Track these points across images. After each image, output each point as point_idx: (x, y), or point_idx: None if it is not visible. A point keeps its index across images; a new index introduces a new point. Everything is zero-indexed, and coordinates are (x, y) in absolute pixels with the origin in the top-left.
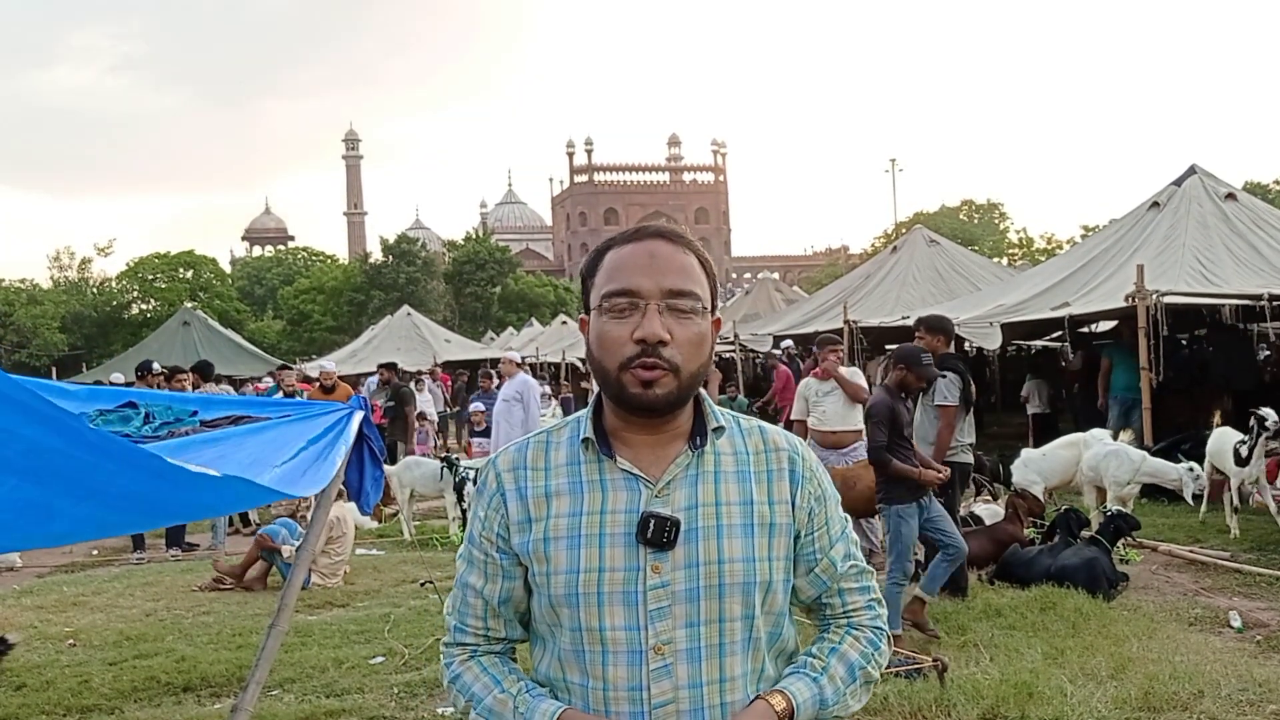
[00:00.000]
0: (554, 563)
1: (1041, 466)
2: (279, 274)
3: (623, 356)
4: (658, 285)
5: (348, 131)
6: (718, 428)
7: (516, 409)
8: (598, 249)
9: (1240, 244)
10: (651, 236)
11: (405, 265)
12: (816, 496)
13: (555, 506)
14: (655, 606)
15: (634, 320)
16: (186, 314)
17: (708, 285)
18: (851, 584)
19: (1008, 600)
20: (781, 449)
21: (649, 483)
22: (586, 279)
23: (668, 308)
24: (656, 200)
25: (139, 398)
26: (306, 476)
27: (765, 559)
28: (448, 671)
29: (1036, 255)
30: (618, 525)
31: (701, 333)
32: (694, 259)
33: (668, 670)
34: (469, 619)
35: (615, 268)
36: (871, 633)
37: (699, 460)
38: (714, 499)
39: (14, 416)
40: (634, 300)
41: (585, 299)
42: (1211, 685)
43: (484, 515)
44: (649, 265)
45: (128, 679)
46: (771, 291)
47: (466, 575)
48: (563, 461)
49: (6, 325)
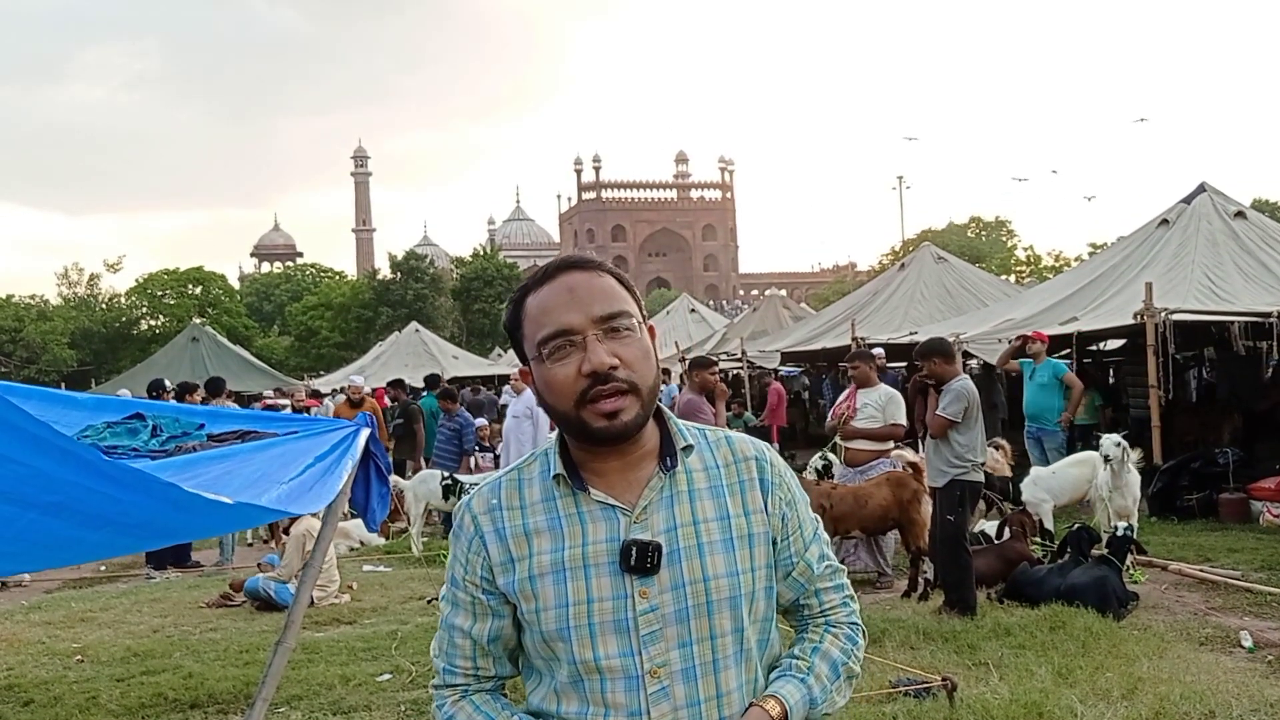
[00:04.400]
0: (542, 599)
1: (1051, 484)
2: (287, 290)
3: (576, 393)
4: (587, 316)
5: (356, 148)
6: (686, 446)
7: (526, 425)
8: (513, 300)
9: (1250, 261)
10: (561, 270)
11: (413, 282)
12: (787, 501)
13: (536, 544)
14: (647, 631)
15: (576, 357)
16: (195, 330)
17: (632, 299)
18: (827, 583)
19: (1017, 619)
20: (749, 457)
21: (626, 510)
22: (514, 331)
23: (605, 333)
24: (664, 217)
25: (146, 409)
26: (313, 493)
27: (748, 570)
28: (440, 714)
29: (1044, 272)
30: (600, 556)
31: (645, 347)
32: (610, 279)
33: (666, 693)
34: (457, 660)
35: (541, 311)
36: (849, 629)
37: (671, 481)
38: (691, 518)
39: (29, 450)
40: (570, 338)
41: (519, 351)
42: (1223, 705)
43: (465, 559)
44: (571, 300)
45: (135, 695)
46: (779, 308)
47: (452, 617)
48: (538, 498)
49: (16, 341)
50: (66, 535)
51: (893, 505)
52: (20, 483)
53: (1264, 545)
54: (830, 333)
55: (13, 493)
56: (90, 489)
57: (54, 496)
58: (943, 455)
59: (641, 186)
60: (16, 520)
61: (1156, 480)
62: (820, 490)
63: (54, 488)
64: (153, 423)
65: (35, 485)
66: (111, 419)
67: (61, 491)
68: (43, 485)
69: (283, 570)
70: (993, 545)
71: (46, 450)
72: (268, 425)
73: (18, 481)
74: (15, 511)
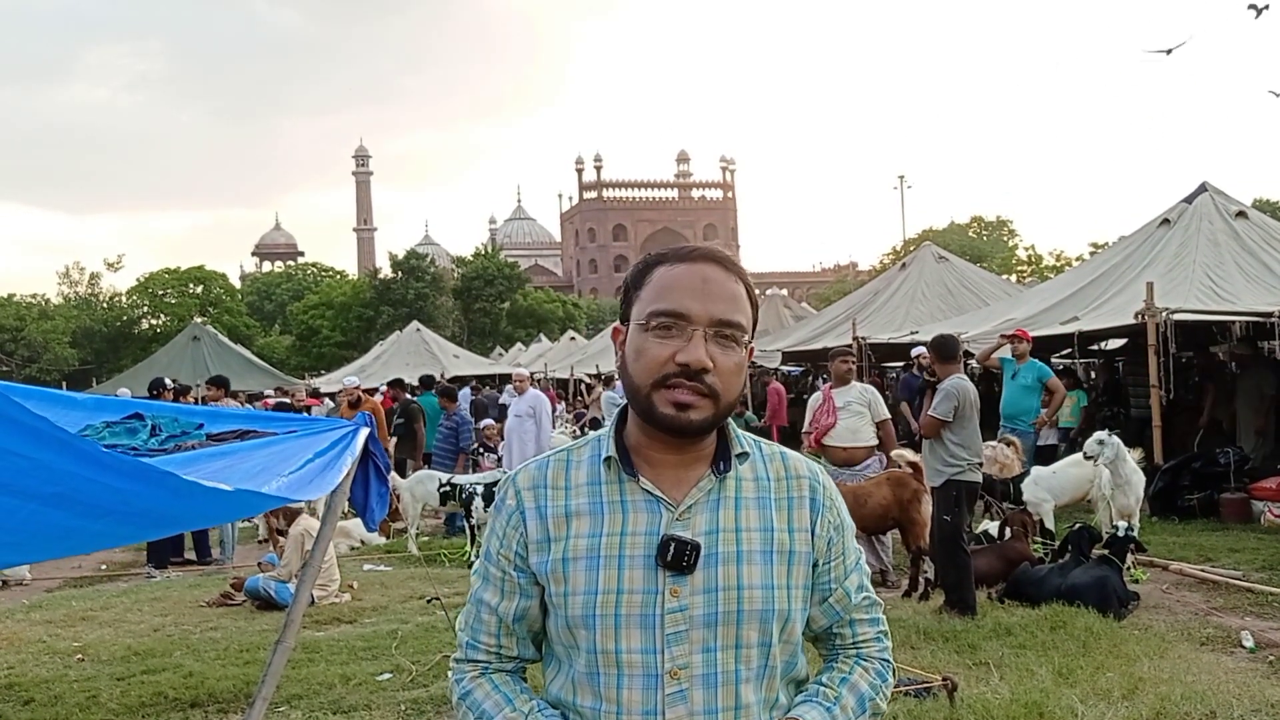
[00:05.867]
0: (572, 583)
1: (1051, 484)
2: (289, 289)
3: (659, 375)
4: (708, 312)
5: (358, 148)
6: (741, 453)
7: (529, 424)
8: (646, 262)
9: (1251, 261)
10: (705, 259)
11: (414, 281)
12: (835, 525)
13: (575, 527)
14: (673, 630)
15: (677, 342)
16: (196, 329)
17: (751, 315)
18: (863, 615)
19: (1018, 619)
20: (803, 476)
21: (670, 505)
22: (631, 290)
23: (714, 335)
24: (665, 216)
25: (145, 409)
26: (313, 484)
27: (784, 587)
28: (457, 688)
29: (1045, 272)
30: (637, 547)
31: (740, 362)
32: (742, 288)
33: (683, 695)
34: (481, 636)
35: (665, 286)
36: (880, 664)
37: (721, 485)
38: (734, 525)
39: (29, 442)
40: (681, 323)
41: (625, 309)
42: (1224, 706)
43: (502, 533)
44: (701, 290)
45: (135, 694)
46: (780, 308)
47: (481, 592)
48: (583, 481)
49: (17, 340)
50: (67, 525)
51: (893, 504)
52: (21, 475)
53: (1265, 545)
54: (831, 332)
55: (13, 484)
56: (90, 479)
57: (54, 487)
58: (938, 455)
59: (643, 186)
60: (18, 511)
61: (1157, 480)
62: None
63: (54, 479)
64: (152, 422)
65: (36, 477)
66: (111, 419)
67: (62, 482)
68: (43, 477)
69: (282, 570)
70: (993, 545)
71: (46, 442)
72: (267, 425)
73: (18, 474)
74: (16, 503)
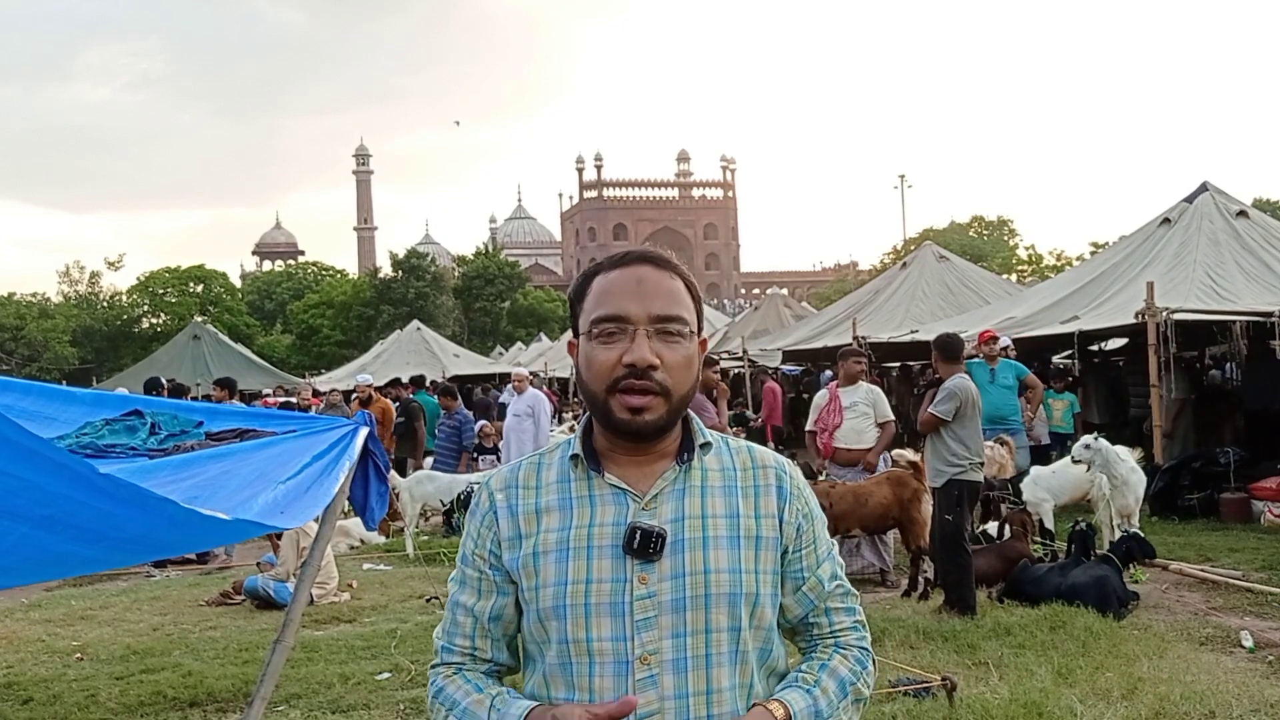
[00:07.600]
0: (543, 576)
1: (1051, 484)
2: (289, 288)
3: (610, 379)
4: (646, 310)
5: (358, 147)
6: (705, 444)
7: (528, 424)
8: (585, 274)
9: (1252, 261)
10: (638, 261)
11: (414, 280)
12: (804, 514)
13: (545, 522)
14: (642, 617)
15: (622, 345)
16: (196, 328)
17: (694, 308)
18: (838, 604)
19: (1017, 619)
20: (769, 466)
21: (636, 496)
22: (575, 304)
23: (656, 332)
24: (665, 216)
25: (145, 406)
26: (309, 495)
27: (751, 571)
28: (432, 688)
29: (1046, 271)
30: (605, 538)
31: (689, 355)
32: (680, 283)
33: (654, 680)
34: (457, 639)
35: (603, 293)
36: (859, 652)
37: (686, 474)
38: (700, 511)
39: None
40: (622, 325)
41: (574, 323)
42: (1223, 706)
43: (476, 533)
44: (637, 291)
45: (134, 693)
46: (780, 307)
47: (458, 595)
48: (553, 479)
49: (18, 339)
50: (59, 549)
51: (893, 504)
52: (12, 496)
53: (1265, 545)
54: (831, 331)
55: (5, 506)
56: (83, 503)
57: (47, 510)
58: (939, 455)
59: (643, 185)
60: (9, 534)
61: (1158, 480)
62: (820, 489)
63: (47, 501)
64: (151, 420)
65: (28, 498)
66: (110, 415)
67: (54, 505)
68: (35, 499)
69: (280, 569)
70: (993, 544)
71: (39, 463)
72: (266, 424)
73: (10, 495)
74: (7, 525)
